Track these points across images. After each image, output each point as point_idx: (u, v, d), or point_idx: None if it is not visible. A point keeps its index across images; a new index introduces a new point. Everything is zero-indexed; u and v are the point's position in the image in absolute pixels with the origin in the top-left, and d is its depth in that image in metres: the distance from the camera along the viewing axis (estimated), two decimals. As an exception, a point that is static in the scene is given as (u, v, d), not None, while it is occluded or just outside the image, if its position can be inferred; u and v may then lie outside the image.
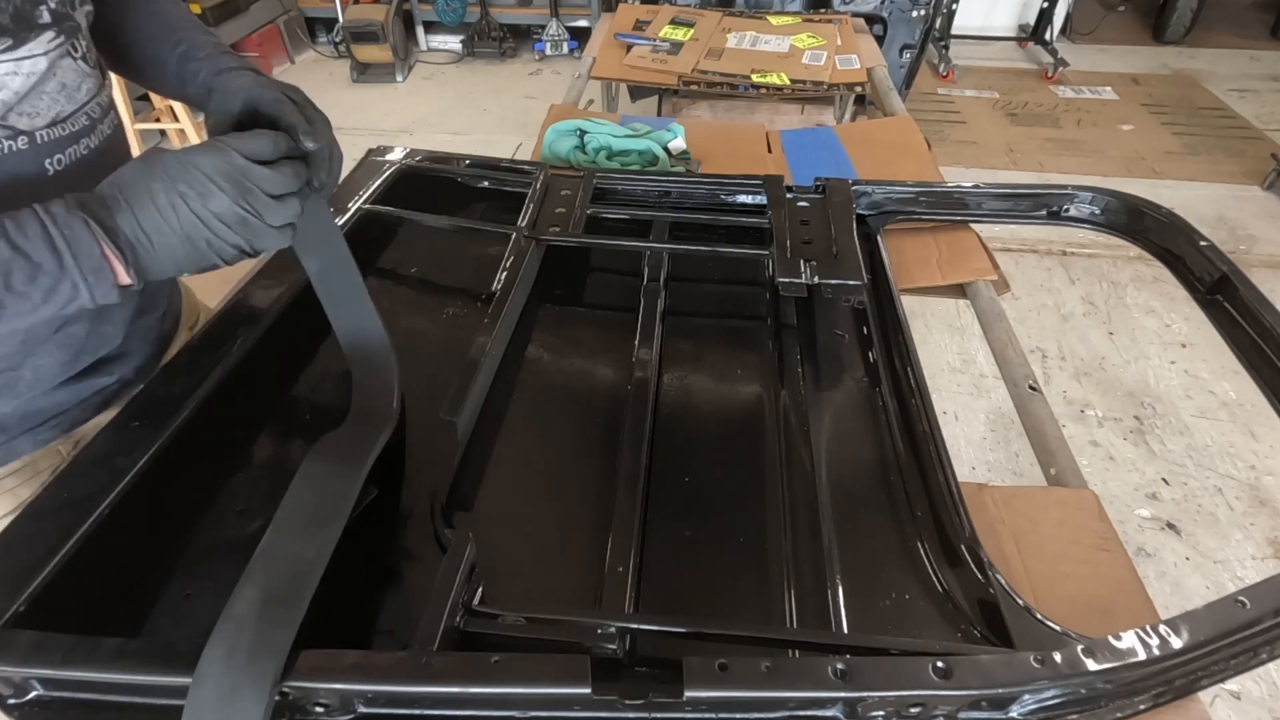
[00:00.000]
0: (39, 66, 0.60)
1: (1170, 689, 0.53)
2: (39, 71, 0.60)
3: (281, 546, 0.54)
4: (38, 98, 0.61)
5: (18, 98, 0.59)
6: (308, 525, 0.56)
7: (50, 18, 0.61)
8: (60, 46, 0.62)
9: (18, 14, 0.58)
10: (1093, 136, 3.61)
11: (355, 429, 0.68)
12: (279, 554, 0.53)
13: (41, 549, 0.57)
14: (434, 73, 4.29)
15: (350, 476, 0.59)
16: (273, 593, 0.51)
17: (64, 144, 0.64)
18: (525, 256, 0.92)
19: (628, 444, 0.73)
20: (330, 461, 0.62)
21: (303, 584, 0.51)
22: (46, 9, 0.61)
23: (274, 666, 0.47)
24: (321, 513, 0.56)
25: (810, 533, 0.68)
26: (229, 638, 0.48)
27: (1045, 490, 0.76)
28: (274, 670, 0.47)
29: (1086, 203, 1.01)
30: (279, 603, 0.50)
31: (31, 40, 0.60)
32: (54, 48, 0.62)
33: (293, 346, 0.84)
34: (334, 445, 0.64)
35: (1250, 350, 0.80)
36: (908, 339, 0.83)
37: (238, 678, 0.47)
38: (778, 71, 1.80)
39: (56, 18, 0.62)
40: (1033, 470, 0.87)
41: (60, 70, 0.63)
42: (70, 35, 0.64)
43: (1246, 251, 2.83)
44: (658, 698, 0.50)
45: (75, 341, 0.71)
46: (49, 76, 0.62)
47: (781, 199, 1.00)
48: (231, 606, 0.50)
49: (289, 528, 0.55)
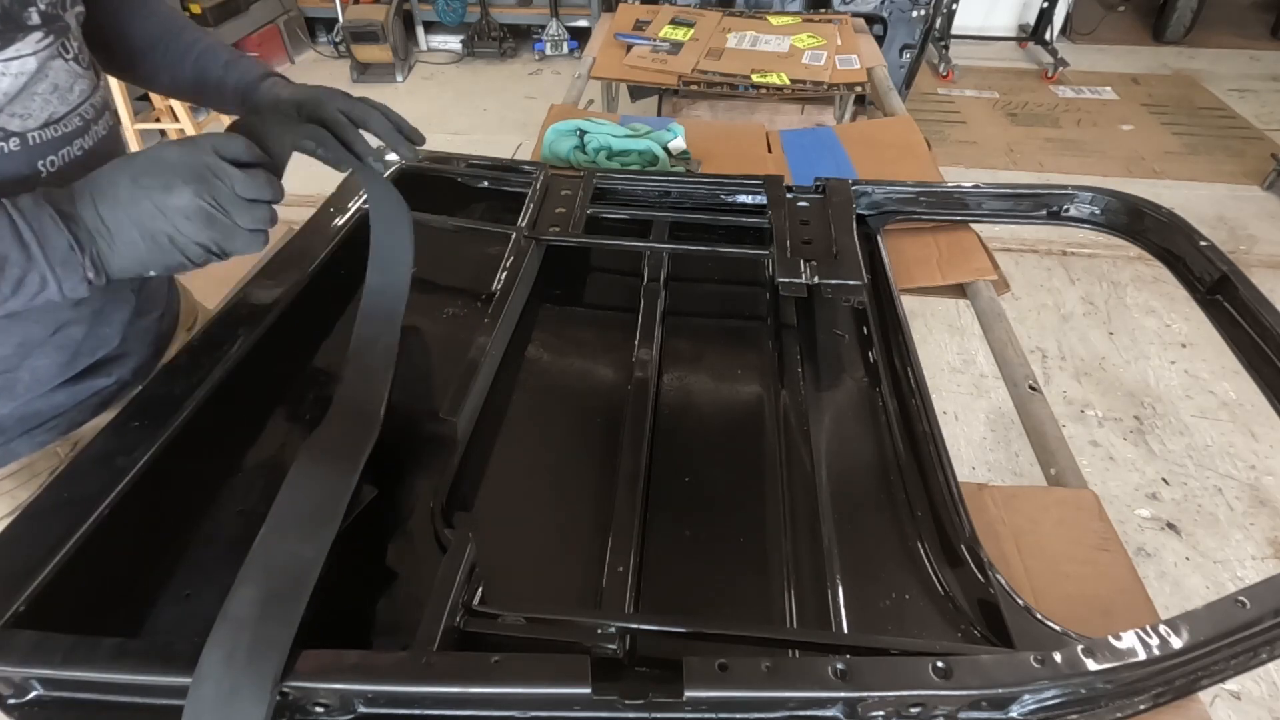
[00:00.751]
0: (28, 67, 0.60)
1: (1170, 689, 0.53)
2: (28, 72, 0.60)
3: (278, 546, 0.54)
4: (29, 99, 0.61)
5: (7, 99, 0.59)
6: (304, 524, 0.55)
7: (39, 19, 0.61)
8: (50, 47, 0.62)
9: (6, 14, 0.58)
10: (1093, 136, 3.61)
11: (346, 426, 0.68)
12: (276, 553, 0.53)
13: (41, 549, 0.57)
14: (434, 73, 4.29)
15: (344, 475, 0.59)
16: (272, 592, 0.51)
17: (57, 145, 0.64)
18: (525, 256, 0.92)
19: (628, 444, 0.73)
20: (322, 460, 0.62)
21: (301, 583, 0.51)
22: (36, 10, 0.61)
23: (274, 666, 0.47)
24: (317, 511, 0.56)
25: (810, 533, 0.68)
26: (228, 638, 0.48)
27: (1045, 490, 0.76)
28: (274, 670, 0.47)
29: (1086, 203, 1.01)
30: (278, 602, 0.50)
31: (19, 41, 0.59)
32: (43, 48, 0.61)
33: (292, 347, 0.84)
34: (325, 444, 0.64)
35: (1250, 350, 0.80)
36: (908, 339, 0.83)
37: (238, 678, 0.47)
38: (778, 71, 1.80)
39: (46, 19, 0.62)
40: (1033, 470, 0.87)
41: (52, 71, 0.63)
42: (60, 36, 0.63)
43: (1246, 251, 2.83)
44: (658, 698, 0.50)
45: (72, 343, 0.71)
46: (40, 78, 0.62)
47: (781, 199, 1.00)
48: (229, 606, 0.50)
49: (284, 527, 0.55)
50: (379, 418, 0.68)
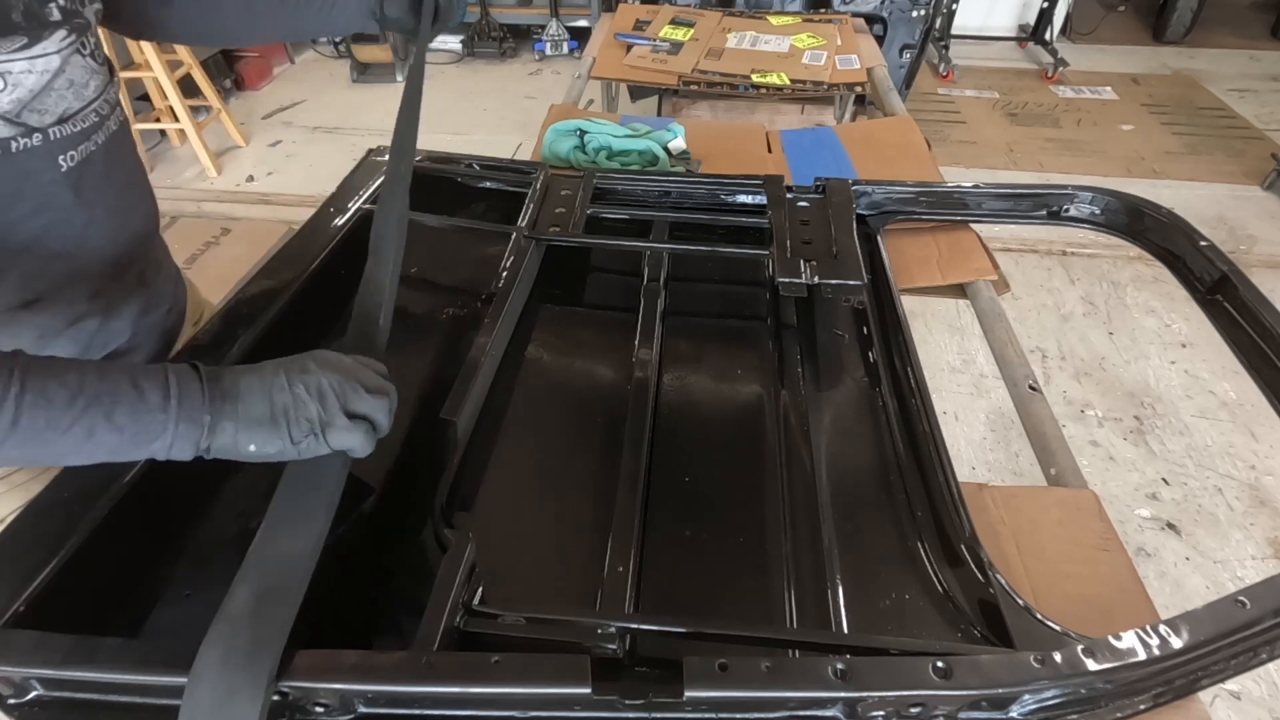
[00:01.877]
0: (52, 65, 0.61)
1: (1170, 689, 0.53)
2: (52, 69, 0.61)
3: (272, 544, 0.54)
4: (46, 95, 0.62)
5: (32, 95, 0.60)
6: (297, 520, 0.55)
7: (60, 15, 0.62)
8: (71, 45, 0.63)
9: (28, 12, 0.59)
10: (1093, 136, 3.61)
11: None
12: (269, 552, 0.53)
13: (41, 549, 0.57)
14: (434, 73, 4.29)
15: (335, 469, 0.59)
16: (266, 590, 0.50)
17: (75, 141, 0.65)
18: (525, 256, 0.92)
19: (628, 444, 0.73)
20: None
21: (295, 580, 0.51)
22: (56, 6, 0.62)
23: (270, 665, 0.47)
24: (310, 506, 0.56)
25: (810, 533, 0.68)
26: (225, 638, 0.48)
27: (1045, 490, 0.76)
28: (270, 668, 0.47)
29: (1086, 203, 1.01)
30: (273, 600, 0.50)
31: (46, 39, 0.61)
32: (66, 46, 0.63)
33: (294, 345, 0.84)
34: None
35: (1250, 350, 0.80)
36: (908, 339, 0.83)
37: (234, 678, 0.47)
38: (778, 71, 1.80)
39: (66, 15, 0.63)
40: (1033, 470, 0.87)
41: (70, 67, 0.64)
42: (80, 33, 0.64)
43: (1246, 251, 2.83)
44: (658, 698, 0.50)
45: (86, 335, 0.72)
46: (59, 74, 0.63)
47: (781, 199, 1.00)
48: (227, 605, 0.50)
49: (278, 524, 0.55)
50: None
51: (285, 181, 3.21)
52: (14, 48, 0.58)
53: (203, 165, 3.21)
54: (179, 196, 3.04)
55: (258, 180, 3.23)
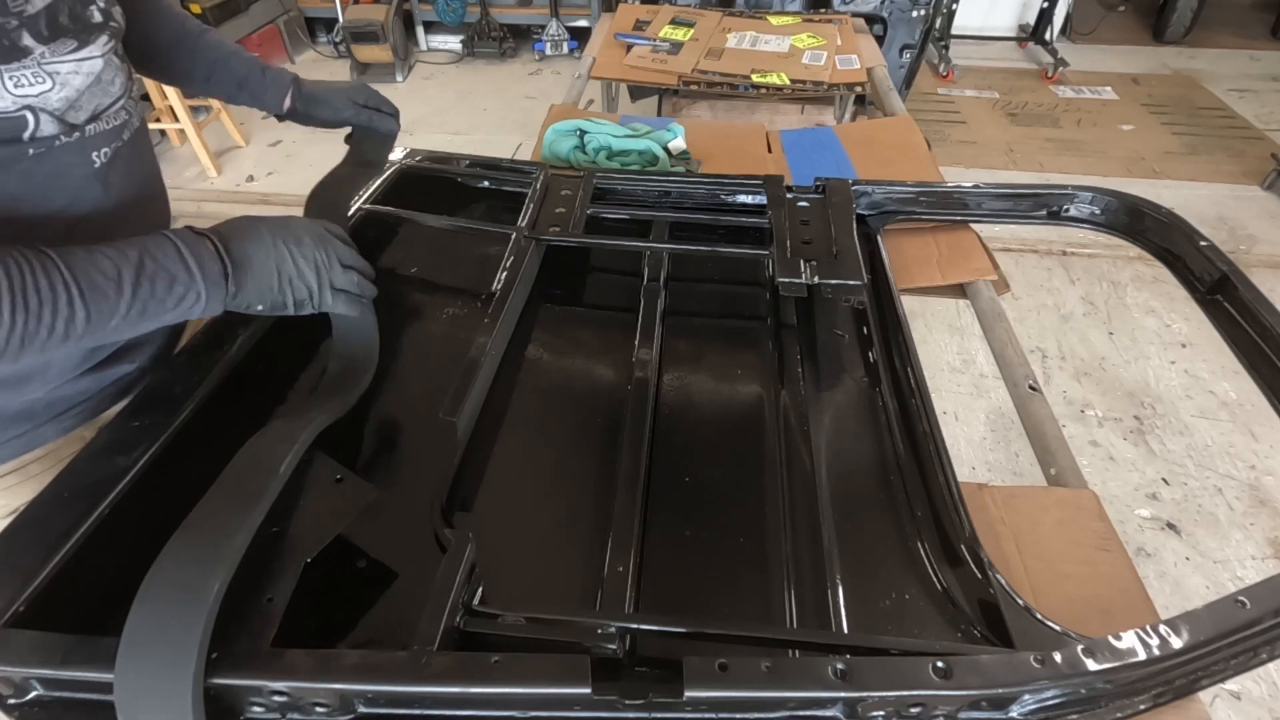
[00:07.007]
0: (96, 68, 0.64)
1: (1170, 689, 0.53)
2: (95, 72, 0.64)
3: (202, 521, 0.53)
4: (86, 93, 0.64)
5: (78, 94, 0.62)
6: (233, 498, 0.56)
7: (101, 17, 0.64)
8: (111, 48, 0.66)
9: (74, 15, 0.61)
10: (1093, 136, 3.61)
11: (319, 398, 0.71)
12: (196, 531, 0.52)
13: (42, 549, 0.57)
14: (434, 73, 4.29)
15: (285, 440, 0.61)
16: (184, 580, 0.49)
17: (108, 138, 0.67)
18: (525, 256, 0.92)
19: (628, 444, 0.73)
20: (270, 437, 0.63)
21: (216, 567, 0.49)
22: (96, 8, 0.64)
23: (192, 663, 0.46)
24: (250, 484, 0.57)
25: (810, 533, 0.68)
26: (142, 632, 0.47)
27: (1045, 490, 0.76)
28: (193, 667, 0.46)
29: (1086, 203, 1.01)
30: (189, 589, 0.48)
31: (93, 43, 0.63)
32: (108, 49, 0.65)
33: (294, 344, 0.84)
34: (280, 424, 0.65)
35: (1250, 350, 0.80)
36: (908, 339, 0.83)
37: (157, 678, 0.46)
38: (778, 71, 1.80)
39: (105, 17, 0.65)
40: (1033, 470, 0.87)
41: (106, 68, 0.66)
42: (115, 36, 0.67)
43: (1246, 251, 2.83)
44: (658, 698, 0.50)
45: None
46: (100, 76, 0.65)
47: (781, 199, 1.00)
48: (143, 593, 0.48)
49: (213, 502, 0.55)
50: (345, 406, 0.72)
51: (285, 181, 3.21)
52: (66, 51, 0.60)
53: (203, 165, 3.21)
54: (179, 197, 3.04)
55: (258, 180, 3.23)
